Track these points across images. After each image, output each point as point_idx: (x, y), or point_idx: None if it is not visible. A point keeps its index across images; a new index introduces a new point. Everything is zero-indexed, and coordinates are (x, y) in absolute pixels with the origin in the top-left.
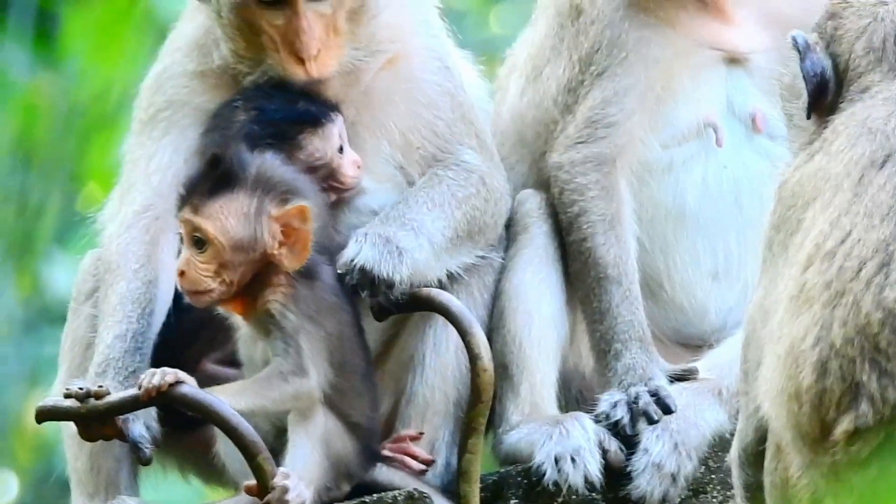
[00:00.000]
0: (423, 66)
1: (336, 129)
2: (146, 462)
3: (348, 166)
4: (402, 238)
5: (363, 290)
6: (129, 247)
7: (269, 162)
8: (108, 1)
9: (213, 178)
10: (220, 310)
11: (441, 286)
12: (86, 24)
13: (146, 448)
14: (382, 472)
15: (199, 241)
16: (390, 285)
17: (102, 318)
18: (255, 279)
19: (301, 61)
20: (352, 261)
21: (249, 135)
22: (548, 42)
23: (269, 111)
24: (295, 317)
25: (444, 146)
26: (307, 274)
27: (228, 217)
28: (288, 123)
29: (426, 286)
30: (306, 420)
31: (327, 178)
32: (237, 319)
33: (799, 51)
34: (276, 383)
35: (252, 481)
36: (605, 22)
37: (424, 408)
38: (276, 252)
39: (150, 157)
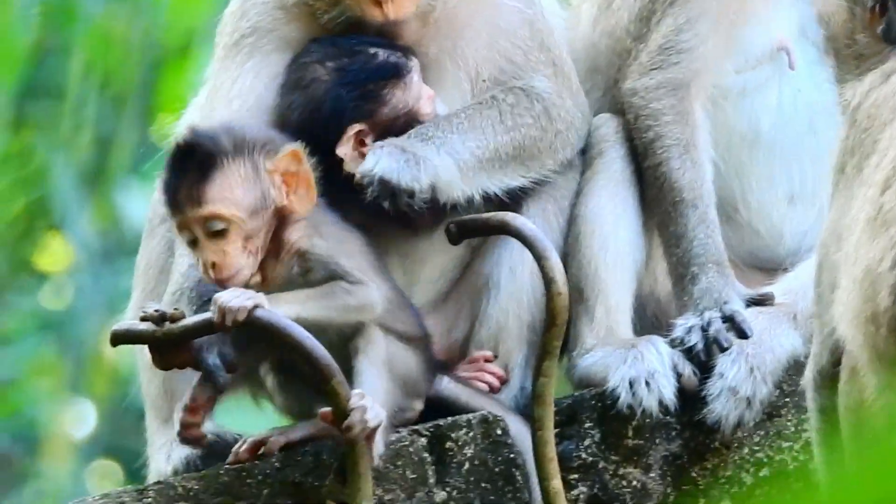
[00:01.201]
0: None
1: (416, 76)
2: (221, 390)
3: (425, 105)
4: (420, 148)
5: (384, 200)
6: None
7: (234, 126)
8: None
9: (195, 167)
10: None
11: (511, 209)
12: None
13: (221, 376)
14: (460, 394)
15: (216, 231)
16: (410, 194)
17: (177, 245)
18: (273, 238)
19: (378, 3)
20: (371, 171)
21: (336, 98)
22: None
23: (353, 72)
24: (325, 242)
25: (517, 74)
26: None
27: (234, 189)
28: (373, 82)
29: (452, 201)
30: (367, 346)
31: (407, 123)
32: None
33: None
34: (339, 294)
35: (327, 408)
36: None
37: (498, 331)
38: (286, 203)
39: (233, 82)
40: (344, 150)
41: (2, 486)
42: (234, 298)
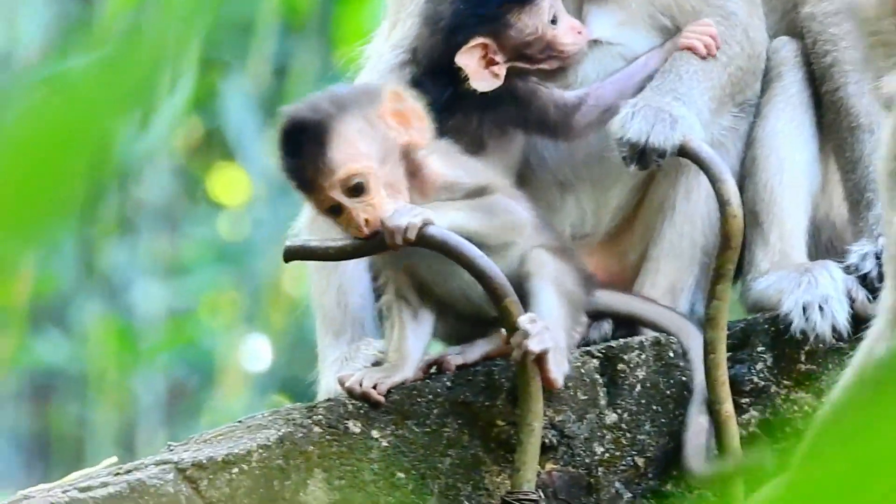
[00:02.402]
0: None
1: (547, 4)
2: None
3: (565, 34)
4: (672, 106)
5: (632, 161)
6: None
7: (326, 92)
8: None
9: (310, 140)
10: None
11: None
12: None
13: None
14: (639, 309)
15: (357, 188)
16: (661, 154)
17: None
18: (414, 177)
19: None
20: (621, 131)
21: (455, 13)
22: None
23: None
24: (464, 170)
25: None
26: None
27: (356, 144)
28: (496, 4)
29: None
30: (539, 268)
31: (544, 50)
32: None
33: None
34: (498, 210)
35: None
36: None
37: (671, 251)
38: (408, 139)
39: None
40: (465, 60)
41: (177, 417)
42: (402, 216)
